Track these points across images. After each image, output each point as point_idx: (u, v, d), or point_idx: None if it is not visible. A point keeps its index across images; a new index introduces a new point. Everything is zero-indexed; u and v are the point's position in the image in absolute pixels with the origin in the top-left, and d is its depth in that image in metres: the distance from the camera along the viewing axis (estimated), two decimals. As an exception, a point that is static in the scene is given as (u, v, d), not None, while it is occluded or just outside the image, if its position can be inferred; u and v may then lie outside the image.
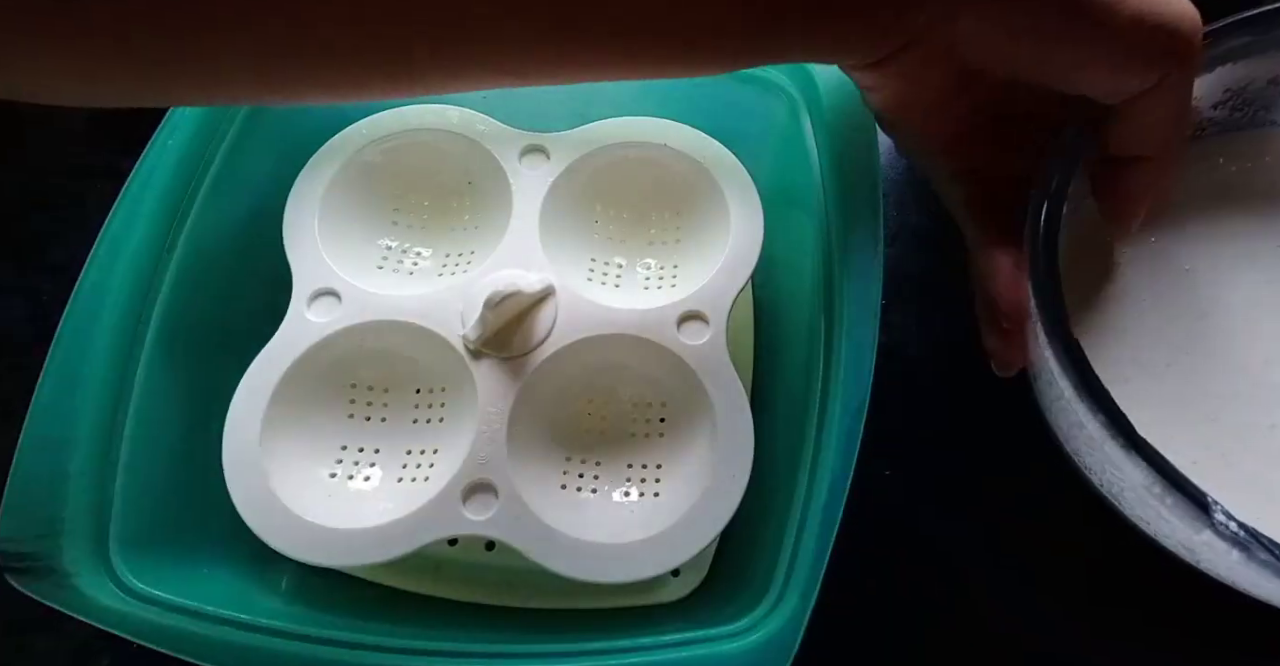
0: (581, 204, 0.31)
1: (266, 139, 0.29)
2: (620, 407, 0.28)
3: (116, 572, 0.21)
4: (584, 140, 0.30)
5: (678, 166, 0.30)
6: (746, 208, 0.29)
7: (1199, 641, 0.28)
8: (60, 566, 0.20)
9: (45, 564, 0.20)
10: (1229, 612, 0.25)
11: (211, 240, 0.27)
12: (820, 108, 0.26)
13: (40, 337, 0.33)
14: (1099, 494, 0.25)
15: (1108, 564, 0.29)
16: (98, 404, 0.23)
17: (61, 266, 0.35)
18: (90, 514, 0.22)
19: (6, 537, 0.20)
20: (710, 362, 0.26)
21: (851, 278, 0.23)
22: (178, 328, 0.25)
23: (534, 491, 0.25)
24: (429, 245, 0.31)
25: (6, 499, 0.21)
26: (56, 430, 0.22)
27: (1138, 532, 0.24)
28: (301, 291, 0.27)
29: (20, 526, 0.21)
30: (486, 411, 0.26)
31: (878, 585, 0.29)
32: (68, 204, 0.36)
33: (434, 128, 0.30)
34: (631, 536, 0.24)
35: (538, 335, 0.27)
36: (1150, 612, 0.28)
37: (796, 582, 0.20)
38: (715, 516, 0.24)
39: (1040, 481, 0.30)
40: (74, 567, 0.20)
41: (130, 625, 0.20)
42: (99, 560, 0.21)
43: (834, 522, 0.20)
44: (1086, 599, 0.29)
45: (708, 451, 0.25)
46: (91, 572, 0.21)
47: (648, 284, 0.30)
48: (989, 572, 0.29)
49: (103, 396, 0.23)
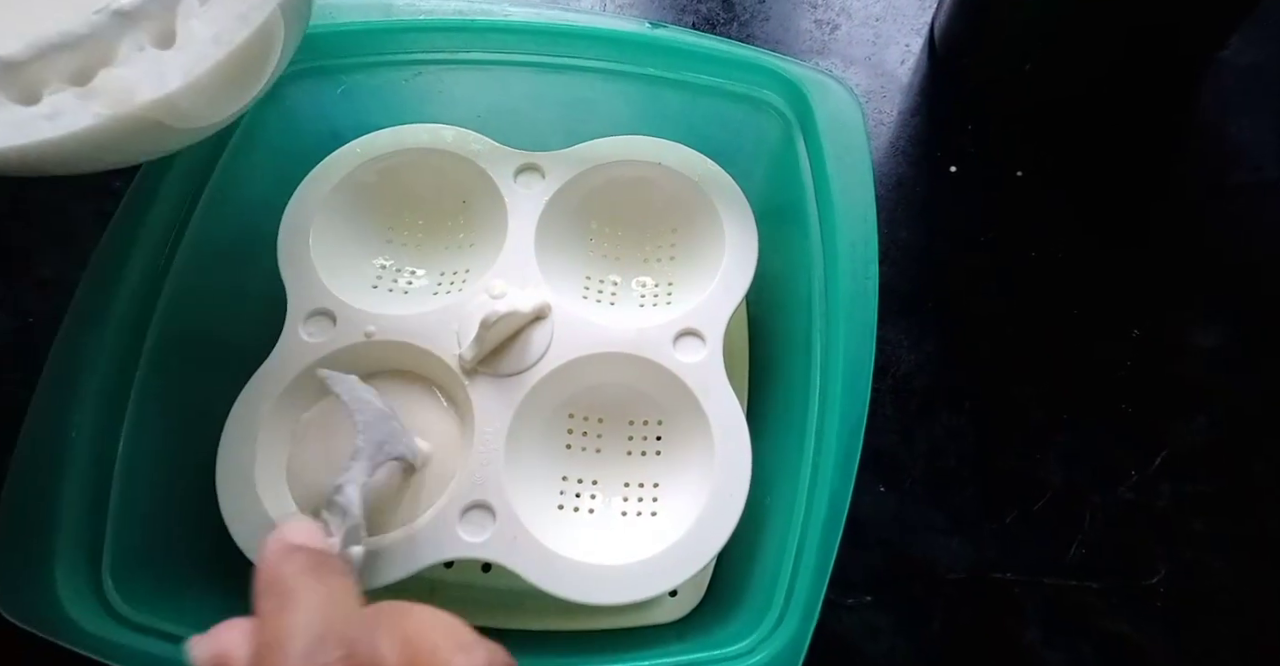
0: (577, 222, 0.31)
1: (261, 159, 0.29)
2: (617, 426, 0.28)
3: (109, 600, 0.20)
4: (579, 158, 0.30)
5: (672, 185, 0.30)
6: (741, 225, 0.29)
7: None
8: (53, 595, 0.20)
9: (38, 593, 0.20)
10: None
11: (206, 259, 0.27)
12: (814, 126, 0.26)
13: (25, 353, 0.33)
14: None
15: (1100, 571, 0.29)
16: (90, 428, 0.22)
17: (47, 281, 0.35)
18: (82, 541, 0.21)
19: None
20: (707, 380, 0.26)
21: (847, 295, 0.23)
22: (171, 349, 0.25)
23: (531, 512, 0.25)
24: (424, 264, 0.31)
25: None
26: (48, 455, 0.22)
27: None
28: (296, 311, 0.27)
29: (11, 553, 0.20)
30: (483, 431, 0.26)
31: (874, 602, 0.29)
32: (53, 218, 0.36)
33: (429, 147, 0.30)
34: (629, 557, 0.24)
35: (534, 354, 0.27)
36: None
37: (798, 602, 0.20)
38: (713, 536, 0.24)
39: (1029, 493, 0.31)
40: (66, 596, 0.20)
41: (123, 655, 0.19)
42: (91, 588, 0.20)
43: (834, 541, 0.20)
44: (1079, 612, 0.29)
45: (705, 469, 0.25)
46: (83, 601, 0.20)
47: (643, 301, 0.30)
48: (982, 588, 0.29)
49: (95, 420, 0.23)
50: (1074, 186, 0.36)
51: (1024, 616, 0.29)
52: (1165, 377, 0.32)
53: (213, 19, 0.19)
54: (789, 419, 0.25)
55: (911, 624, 0.29)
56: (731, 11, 0.41)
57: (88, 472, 0.22)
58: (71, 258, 0.34)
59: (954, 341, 0.33)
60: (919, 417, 0.32)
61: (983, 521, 0.30)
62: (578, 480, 0.27)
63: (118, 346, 0.24)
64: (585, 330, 0.27)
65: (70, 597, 0.20)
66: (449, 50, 0.29)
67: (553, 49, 0.29)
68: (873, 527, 0.30)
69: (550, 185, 0.30)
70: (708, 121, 0.30)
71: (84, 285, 0.24)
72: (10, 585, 0.20)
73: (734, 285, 0.28)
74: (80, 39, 0.17)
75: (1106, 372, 0.33)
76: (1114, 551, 0.29)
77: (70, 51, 0.17)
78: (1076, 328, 0.33)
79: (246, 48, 0.20)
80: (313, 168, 0.30)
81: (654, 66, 0.29)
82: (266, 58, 0.22)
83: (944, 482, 0.31)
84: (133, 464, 0.23)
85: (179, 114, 0.20)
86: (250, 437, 0.25)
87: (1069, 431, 0.32)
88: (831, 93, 0.27)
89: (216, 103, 0.21)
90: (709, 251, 0.29)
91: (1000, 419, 0.32)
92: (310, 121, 0.31)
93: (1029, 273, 0.35)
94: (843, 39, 0.40)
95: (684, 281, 0.30)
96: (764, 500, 0.25)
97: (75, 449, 0.22)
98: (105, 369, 0.23)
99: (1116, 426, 0.32)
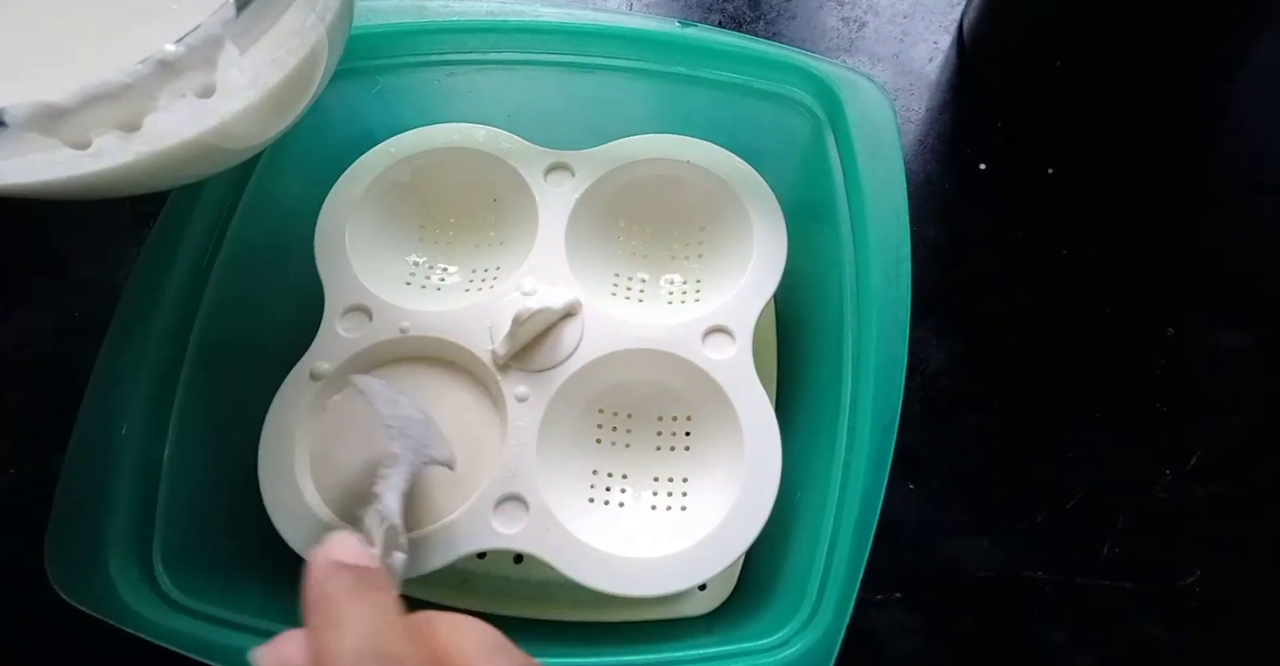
0: (605, 220, 0.31)
1: (296, 160, 0.30)
2: (646, 421, 0.28)
3: (160, 587, 0.21)
4: (608, 157, 0.30)
5: (701, 183, 0.30)
6: (770, 223, 0.29)
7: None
8: (108, 582, 0.20)
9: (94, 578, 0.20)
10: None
11: (245, 260, 0.27)
12: (845, 125, 0.26)
13: (68, 352, 0.34)
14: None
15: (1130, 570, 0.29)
16: (140, 421, 0.23)
17: (86, 281, 0.35)
18: (135, 531, 0.22)
19: (56, 553, 0.21)
20: (736, 377, 0.27)
21: (879, 294, 0.23)
22: (213, 347, 0.26)
23: (563, 504, 0.25)
24: (455, 261, 0.31)
25: (55, 515, 0.21)
26: (101, 447, 0.22)
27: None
28: (334, 307, 0.28)
29: (68, 542, 0.21)
30: (516, 425, 0.26)
31: (902, 599, 0.29)
32: (90, 220, 0.37)
33: (460, 146, 0.31)
34: (659, 550, 0.24)
35: (565, 350, 0.27)
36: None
37: (830, 598, 0.20)
38: (744, 531, 0.24)
39: (1060, 493, 0.31)
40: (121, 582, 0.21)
41: (175, 638, 0.20)
42: (144, 576, 0.21)
43: (868, 538, 0.20)
44: (1110, 614, 0.29)
45: (734, 465, 0.26)
46: (137, 588, 0.21)
47: (671, 298, 0.30)
48: (1012, 587, 0.29)
49: (145, 413, 0.23)
50: (1107, 184, 0.36)
51: (1054, 617, 0.29)
52: (1200, 378, 0.32)
53: (250, 65, 0.19)
54: (819, 416, 0.25)
55: (940, 622, 0.29)
56: (758, 9, 0.41)
57: (137, 468, 0.23)
58: (109, 259, 0.35)
59: (983, 340, 0.33)
60: (947, 416, 0.32)
61: (1012, 520, 0.30)
62: (607, 474, 0.28)
63: (163, 347, 0.24)
64: (615, 327, 0.27)
65: (125, 584, 0.21)
66: (481, 50, 0.30)
67: (584, 49, 0.29)
68: (901, 525, 0.30)
69: (580, 183, 0.30)
70: (736, 120, 0.30)
71: (130, 288, 0.25)
72: (70, 572, 0.21)
73: (763, 283, 0.28)
74: (124, 88, 0.17)
75: (1140, 372, 0.32)
76: (1147, 552, 0.29)
77: (115, 100, 0.17)
78: (1109, 327, 0.33)
79: (284, 84, 0.21)
80: (346, 167, 0.30)
81: (684, 65, 0.29)
82: (307, 87, 0.22)
83: (972, 481, 0.31)
84: (179, 458, 0.24)
85: (217, 146, 0.20)
86: (289, 430, 0.26)
87: (1101, 431, 0.31)
88: (862, 91, 0.27)
89: (257, 131, 0.22)
90: (737, 249, 0.29)
91: (1030, 418, 0.32)
92: (343, 122, 0.31)
93: (1061, 271, 0.34)
94: (870, 36, 0.40)
95: (712, 279, 0.30)
96: (793, 496, 0.25)
97: (125, 445, 0.23)
98: (151, 369, 0.24)
99: (1150, 427, 0.31)
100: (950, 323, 0.33)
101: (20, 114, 0.17)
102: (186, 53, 0.17)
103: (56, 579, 0.21)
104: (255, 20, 0.18)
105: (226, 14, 0.18)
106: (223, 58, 0.18)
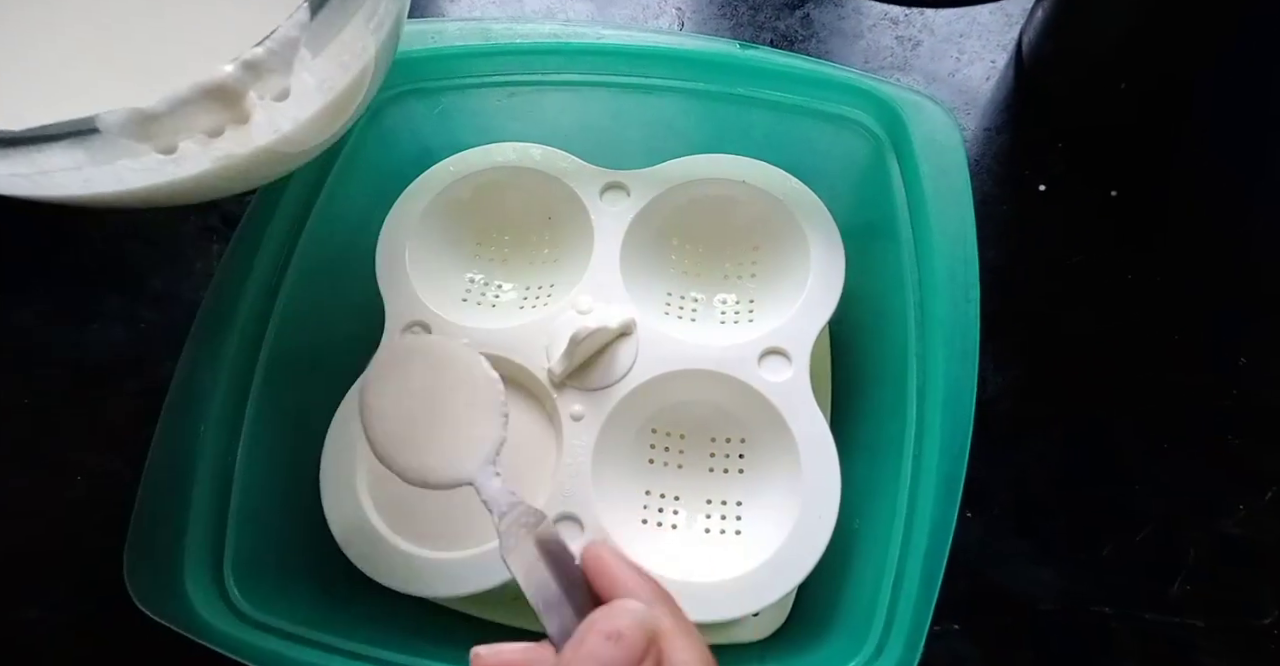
0: (659, 239, 0.31)
1: (360, 177, 0.30)
2: (699, 443, 0.28)
3: (231, 599, 0.22)
4: (664, 177, 0.30)
5: (757, 203, 0.30)
6: (827, 245, 0.29)
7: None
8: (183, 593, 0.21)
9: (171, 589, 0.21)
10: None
11: (311, 276, 0.28)
12: (909, 147, 0.26)
13: (140, 364, 0.35)
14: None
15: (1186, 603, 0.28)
16: (215, 430, 0.24)
17: (160, 294, 0.37)
18: (207, 544, 0.23)
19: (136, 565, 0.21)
20: (793, 399, 0.26)
21: (946, 320, 0.23)
22: (282, 362, 0.26)
23: (617, 525, 0.25)
24: (510, 279, 0.32)
25: (132, 529, 0.22)
26: (180, 457, 0.23)
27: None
28: (394, 323, 0.28)
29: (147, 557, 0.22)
30: (571, 443, 0.26)
31: (962, 630, 0.28)
32: (162, 235, 0.38)
33: (518, 165, 0.31)
34: (715, 575, 0.24)
35: (620, 369, 0.27)
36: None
37: (900, 630, 0.20)
38: (802, 558, 0.24)
39: (1128, 525, 0.29)
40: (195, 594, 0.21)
41: (243, 649, 0.20)
42: (216, 588, 0.22)
43: (939, 570, 0.20)
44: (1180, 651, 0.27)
45: (790, 491, 0.25)
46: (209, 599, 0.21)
47: (723, 318, 0.30)
48: (1075, 620, 0.28)
49: (217, 432, 0.24)
50: (1173, 207, 0.35)
51: (1120, 654, 0.28)
52: (1274, 409, 0.31)
53: (319, 68, 0.20)
54: (879, 443, 0.25)
55: (999, 653, 0.28)
56: (810, 28, 0.41)
57: (213, 479, 0.23)
58: (179, 271, 0.36)
59: (1043, 365, 0.32)
60: (1006, 443, 0.31)
61: (1075, 551, 0.29)
62: (660, 495, 0.27)
63: (237, 362, 0.25)
64: (669, 346, 0.27)
65: (198, 596, 0.21)
66: (543, 72, 0.30)
67: (645, 70, 0.29)
68: (960, 554, 0.28)
69: (635, 203, 0.30)
70: (792, 140, 0.30)
71: (207, 302, 0.25)
72: (146, 584, 0.21)
73: (821, 304, 0.28)
74: (211, 90, 0.17)
75: (1209, 402, 0.31)
76: (1222, 589, 0.28)
77: (203, 103, 0.17)
78: (1177, 354, 0.32)
79: (348, 89, 0.21)
80: (407, 185, 0.31)
81: (744, 87, 0.29)
82: (365, 93, 0.23)
83: (1033, 510, 0.30)
84: (250, 473, 0.24)
85: (286, 150, 0.21)
86: (351, 443, 0.26)
87: (1168, 461, 0.30)
88: (927, 112, 0.27)
89: (319, 134, 0.22)
90: (793, 270, 0.29)
91: (1092, 446, 0.31)
92: (405, 141, 0.32)
93: (1125, 296, 0.33)
94: (925, 55, 0.40)
95: (765, 299, 0.30)
96: (852, 524, 0.24)
97: (201, 456, 0.23)
98: (226, 384, 0.24)
99: (1220, 458, 0.30)
100: (1009, 347, 0.33)
101: (113, 120, 0.17)
102: (267, 55, 0.18)
103: (136, 591, 0.21)
104: (327, 24, 0.19)
105: (302, 17, 0.18)
106: (297, 61, 0.18)
